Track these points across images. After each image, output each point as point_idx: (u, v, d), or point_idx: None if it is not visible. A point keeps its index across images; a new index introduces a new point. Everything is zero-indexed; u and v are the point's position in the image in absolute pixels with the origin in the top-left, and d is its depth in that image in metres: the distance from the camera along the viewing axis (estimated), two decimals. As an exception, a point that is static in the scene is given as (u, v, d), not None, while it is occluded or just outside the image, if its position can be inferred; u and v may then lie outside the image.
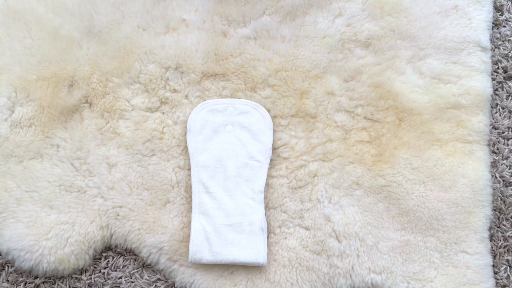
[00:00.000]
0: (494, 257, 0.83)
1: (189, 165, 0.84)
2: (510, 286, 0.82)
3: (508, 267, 0.83)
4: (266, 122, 0.86)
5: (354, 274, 0.81)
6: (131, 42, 0.89)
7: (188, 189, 0.84)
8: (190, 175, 0.84)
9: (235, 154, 0.84)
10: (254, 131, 0.85)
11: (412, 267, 0.81)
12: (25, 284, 0.83)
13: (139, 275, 0.83)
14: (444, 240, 0.82)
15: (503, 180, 0.86)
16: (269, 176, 0.85)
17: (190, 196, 0.84)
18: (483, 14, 0.91)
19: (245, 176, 0.83)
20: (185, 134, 0.86)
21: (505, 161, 0.87)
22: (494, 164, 0.87)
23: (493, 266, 0.82)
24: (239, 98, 0.87)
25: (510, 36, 0.92)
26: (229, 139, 0.85)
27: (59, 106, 0.87)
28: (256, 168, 0.84)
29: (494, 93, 0.89)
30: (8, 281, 0.83)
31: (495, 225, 0.84)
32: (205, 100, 0.87)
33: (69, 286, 0.83)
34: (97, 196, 0.84)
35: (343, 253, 0.81)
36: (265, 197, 0.84)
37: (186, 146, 0.85)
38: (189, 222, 0.83)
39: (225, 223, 0.82)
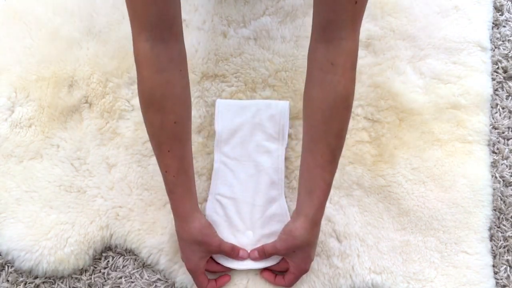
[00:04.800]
0: (494, 257, 0.83)
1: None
2: (510, 286, 0.82)
3: (508, 267, 0.83)
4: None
5: (354, 274, 0.81)
6: (131, 42, 0.89)
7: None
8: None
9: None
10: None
11: (412, 267, 0.81)
12: (25, 284, 0.83)
13: (139, 275, 0.83)
14: (444, 240, 0.82)
15: (503, 180, 0.86)
16: (269, 176, 0.85)
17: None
18: (483, 14, 0.91)
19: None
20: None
21: (505, 161, 0.87)
22: (494, 164, 0.87)
23: (493, 266, 0.82)
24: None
25: (510, 36, 0.92)
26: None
27: (59, 106, 0.87)
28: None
29: (494, 93, 0.89)
30: (8, 281, 0.83)
31: (495, 225, 0.84)
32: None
33: (69, 286, 0.83)
34: (97, 196, 0.84)
35: (343, 253, 0.81)
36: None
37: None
38: (189, 222, 0.83)
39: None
